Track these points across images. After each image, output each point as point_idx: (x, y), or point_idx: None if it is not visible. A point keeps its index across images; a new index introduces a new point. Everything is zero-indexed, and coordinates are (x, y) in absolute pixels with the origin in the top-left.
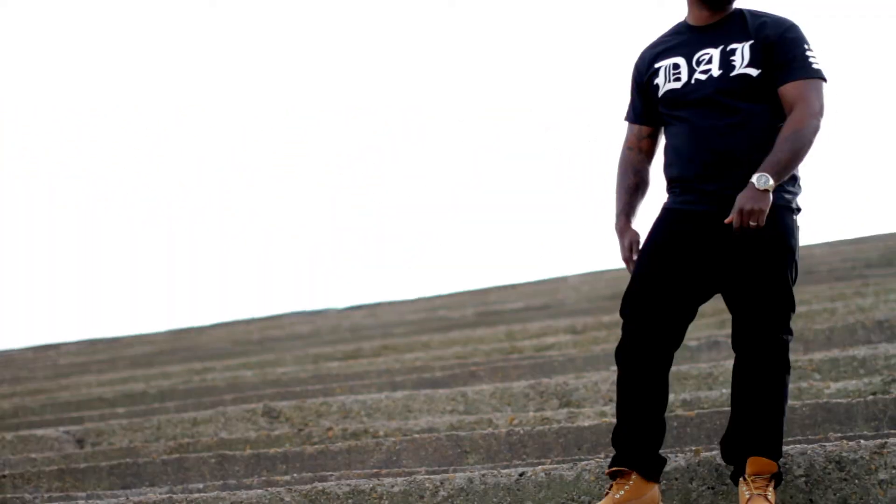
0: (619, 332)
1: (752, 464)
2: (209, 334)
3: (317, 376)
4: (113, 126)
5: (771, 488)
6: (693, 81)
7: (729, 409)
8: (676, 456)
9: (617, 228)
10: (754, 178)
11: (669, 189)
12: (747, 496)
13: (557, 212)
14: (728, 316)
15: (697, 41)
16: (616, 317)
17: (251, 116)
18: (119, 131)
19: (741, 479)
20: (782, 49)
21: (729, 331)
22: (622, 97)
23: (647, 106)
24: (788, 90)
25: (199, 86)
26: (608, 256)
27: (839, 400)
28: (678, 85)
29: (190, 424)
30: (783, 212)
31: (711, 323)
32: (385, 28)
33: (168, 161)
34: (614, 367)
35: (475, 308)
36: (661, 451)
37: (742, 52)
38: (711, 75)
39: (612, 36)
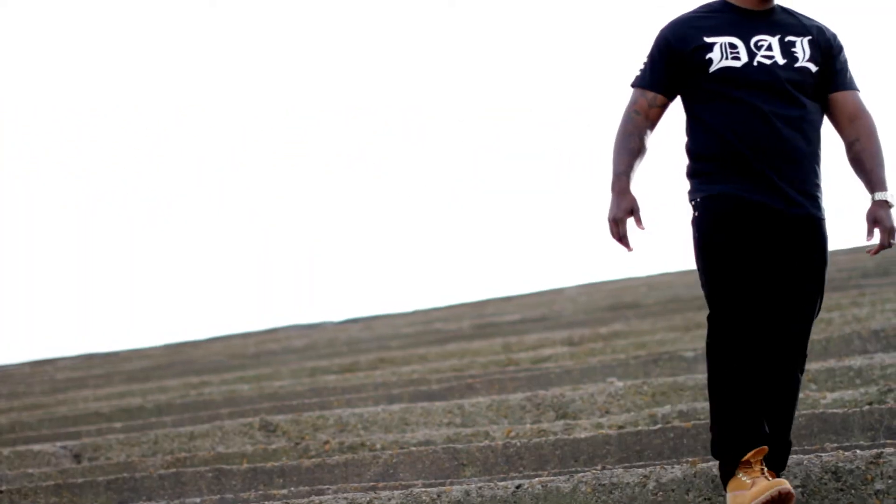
0: (615, 344)
1: None
2: (206, 348)
3: (313, 390)
4: (113, 126)
5: None
6: (756, 64)
7: None
8: (673, 467)
9: (616, 188)
10: (888, 197)
11: (714, 167)
12: (747, 481)
13: (557, 214)
14: None
15: (749, 25)
16: (613, 328)
17: (251, 116)
18: (119, 131)
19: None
20: (840, 57)
21: None
22: (622, 97)
23: (672, 76)
24: (848, 99)
25: (199, 86)
26: (606, 267)
27: (835, 410)
28: (737, 64)
29: (187, 439)
30: (825, 224)
31: None
32: (385, 28)
33: (168, 161)
34: (611, 379)
35: (472, 320)
36: (658, 463)
37: (802, 46)
38: (776, 62)
39: (612, 36)
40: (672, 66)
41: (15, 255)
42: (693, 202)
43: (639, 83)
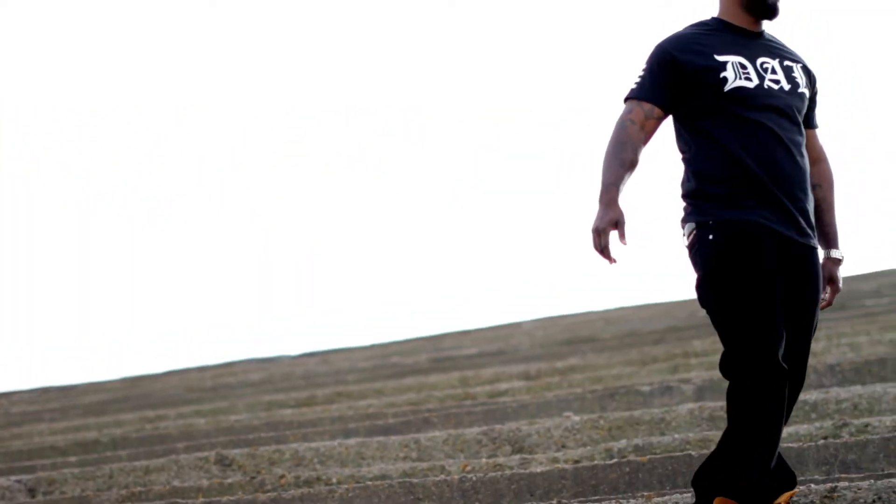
0: (572, 378)
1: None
2: (162, 382)
3: (270, 424)
4: (113, 126)
5: None
6: (766, 87)
7: (682, 454)
8: (628, 501)
9: (605, 198)
10: (842, 255)
11: (726, 189)
12: None
13: (556, 214)
14: (678, 361)
15: (751, 45)
16: (569, 362)
17: (251, 116)
18: (119, 131)
19: None
20: (817, 93)
21: (681, 376)
22: (621, 98)
23: (674, 91)
24: (815, 138)
25: (199, 86)
26: (563, 301)
27: (791, 444)
28: (750, 85)
29: (142, 473)
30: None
31: (664, 368)
32: (385, 28)
33: (168, 161)
34: (567, 413)
35: (429, 354)
36: (613, 497)
37: (799, 72)
38: (782, 87)
39: (612, 36)
40: (675, 80)
41: (15, 255)
42: (701, 224)
43: (636, 94)
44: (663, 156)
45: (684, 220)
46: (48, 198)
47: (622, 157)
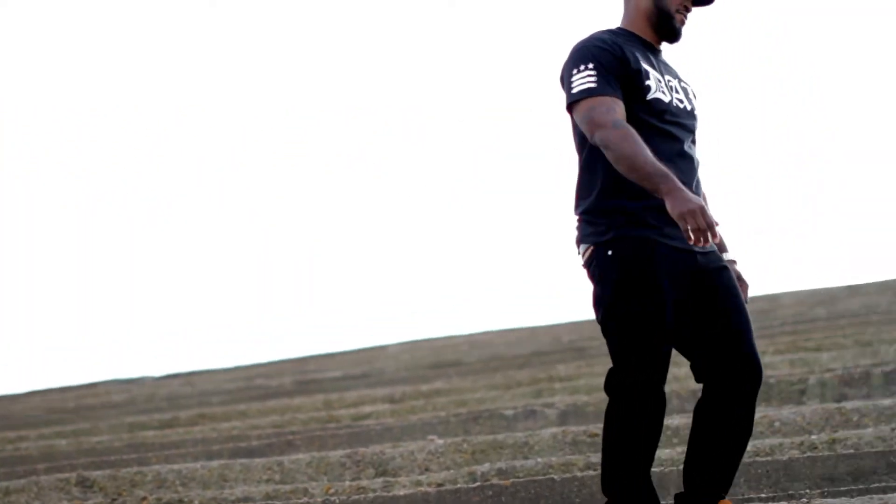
0: (436, 402)
1: None
2: (23, 402)
3: (132, 445)
4: (113, 126)
5: None
6: (674, 103)
7: (545, 477)
8: None
9: (675, 184)
10: (735, 258)
11: (637, 207)
12: None
13: (556, 214)
14: (542, 386)
15: (657, 62)
16: (434, 385)
17: (251, 116)
18: (119, 131)
19: None
20: None
21: (545, 400)
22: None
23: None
24: None
25: (199, 86)
26: (428, 325)
27: (654, 468)
28: (665, 98)
29: (2, 494)
30: None
31: (528, 392)
32: (385, 28)
33: (168, 161)
34: (431, 436)
35: (293, 377)
36: None
37: (692, 94)
38: (685, 106)
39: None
40: (620, 80)
41: (15, 255)
42: (600, 243)
43: (606, 91)
44: (536, 175)
45: (581, 240)
46: (48, 198)
47: (646, 146)
